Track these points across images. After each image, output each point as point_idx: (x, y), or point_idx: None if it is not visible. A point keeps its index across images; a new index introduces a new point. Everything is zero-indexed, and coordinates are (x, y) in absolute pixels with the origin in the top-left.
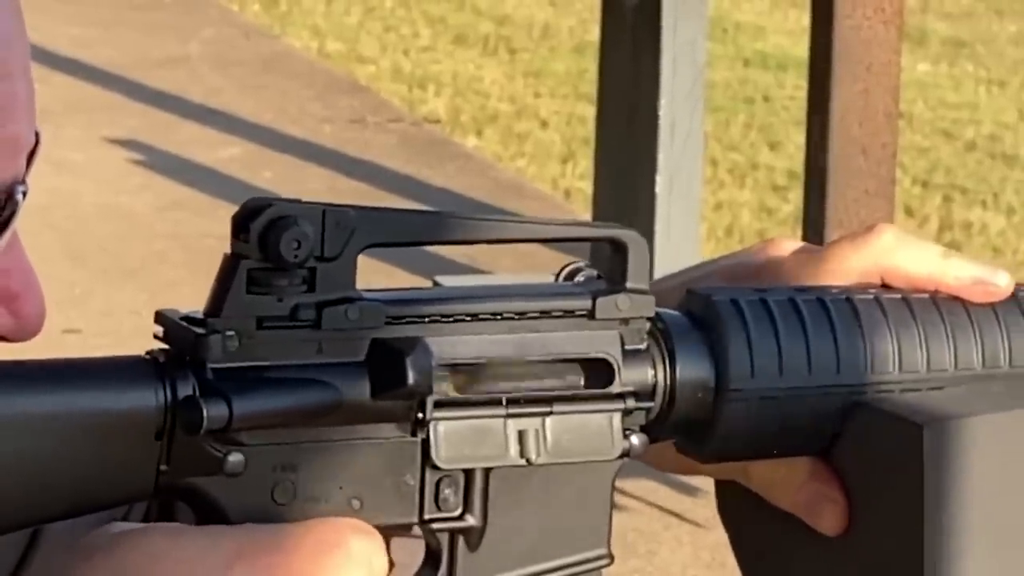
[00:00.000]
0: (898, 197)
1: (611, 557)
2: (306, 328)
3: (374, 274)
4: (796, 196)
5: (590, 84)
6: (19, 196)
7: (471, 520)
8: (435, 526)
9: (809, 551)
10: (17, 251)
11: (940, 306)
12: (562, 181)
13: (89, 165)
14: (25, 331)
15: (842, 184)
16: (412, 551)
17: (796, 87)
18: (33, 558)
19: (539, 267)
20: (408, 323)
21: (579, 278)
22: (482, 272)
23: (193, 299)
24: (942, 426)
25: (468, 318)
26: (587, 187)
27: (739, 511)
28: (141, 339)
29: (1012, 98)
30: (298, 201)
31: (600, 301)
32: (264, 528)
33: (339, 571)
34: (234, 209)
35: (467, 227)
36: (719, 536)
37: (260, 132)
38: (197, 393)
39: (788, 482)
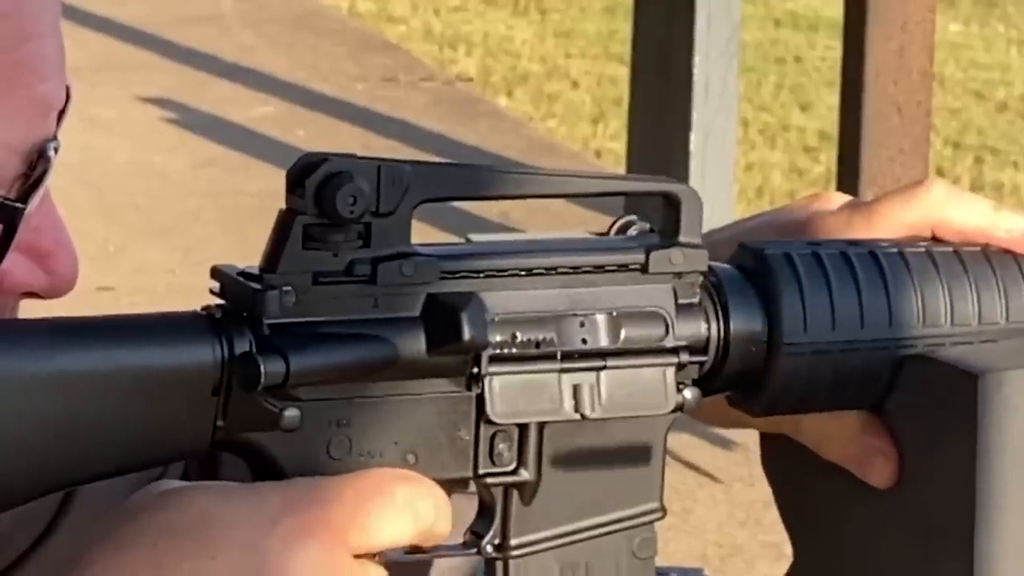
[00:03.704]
0: (930, 158)
1: (664, 510)
2: (362, 283)
3: None
4: (827, 157)
5: (621, 44)
6: (51, 154)
7: (525, 475)
8: (489, 480)
9: (857, 505)
10: (49, 208)
11: (991, 259)
12: (593, 142)
13: (122, 123)
14: (58, 288)
15: (876, 143)
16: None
17: (827, 48)
18: (62, 523)
19: (573, 224)
20: (463, 278)
21: (632, 232)
22: (515, 230)
23: (226, 257)
24: (997, 377)
25: (522, 273)
26: (618, 147)
27: (784, 465)
28: (175, 296)
29: None
30: (354, 156)
31: (653, 255)
32: (309, 482)
33: (383, 518)
34: (267, 167)
35: (520, 181)
36: (754, 494)
37: (293, 90)
38: (254, 349)
39: (839, 435)
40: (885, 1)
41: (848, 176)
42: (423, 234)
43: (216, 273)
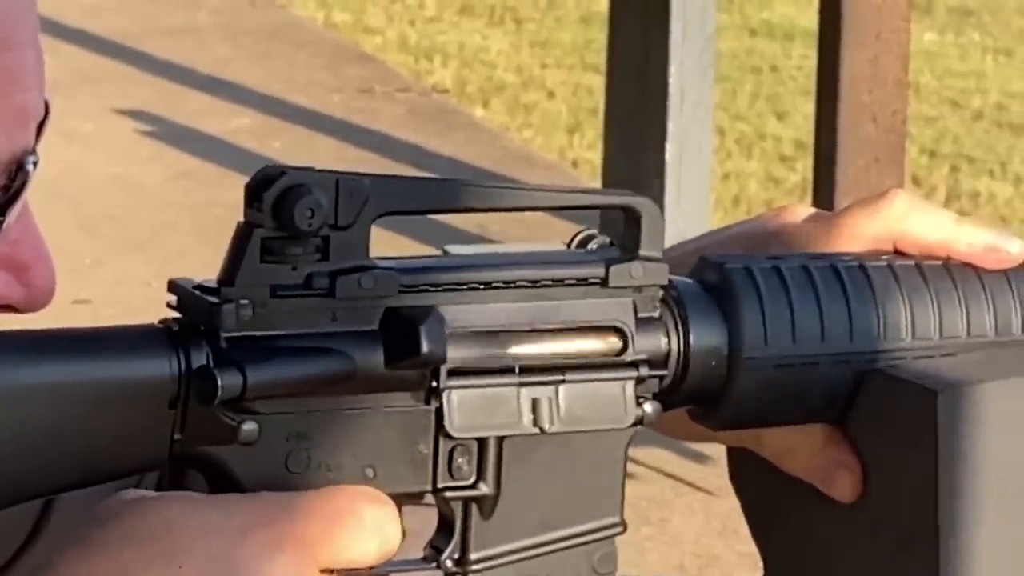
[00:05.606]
0: (905, 167)
1: (624, 525)
2: (320, 296)
3: (381, 243)
4: (803, 166)
5: (597, 54)
6: (29, 167)
7: (484, 489)
8: (448, 495)
9: (822, 518)
10: (28, 222)
11: (953, 273)
12: (569, 152)
13: (98, 135)
14: (35, 302)
15: (852, 152)
16: (425, 519)
17: (803, 57)
18: (43, 531)
19: (551, 236)
20: (422, 291)
21: (592, 245)
22: (492, 242)
23: (202, 269)
24: (956, 392)
25: (482, 286)
26: (594, 157)
27: (751, 478)
28: (151, 309)
29: (1019, 67)
30: (312, 169)
31: (613, 269)
32: (279, 496)
33: (352, 538)
34: (244, 179)
35: (481, 195)
36: (731, 504)
37: (269, 102)
38: (211, 363)
39: (802, 449)
40: (860, 10)
41: (824, 185)
42: (398, 245)
43: (173, 287)
